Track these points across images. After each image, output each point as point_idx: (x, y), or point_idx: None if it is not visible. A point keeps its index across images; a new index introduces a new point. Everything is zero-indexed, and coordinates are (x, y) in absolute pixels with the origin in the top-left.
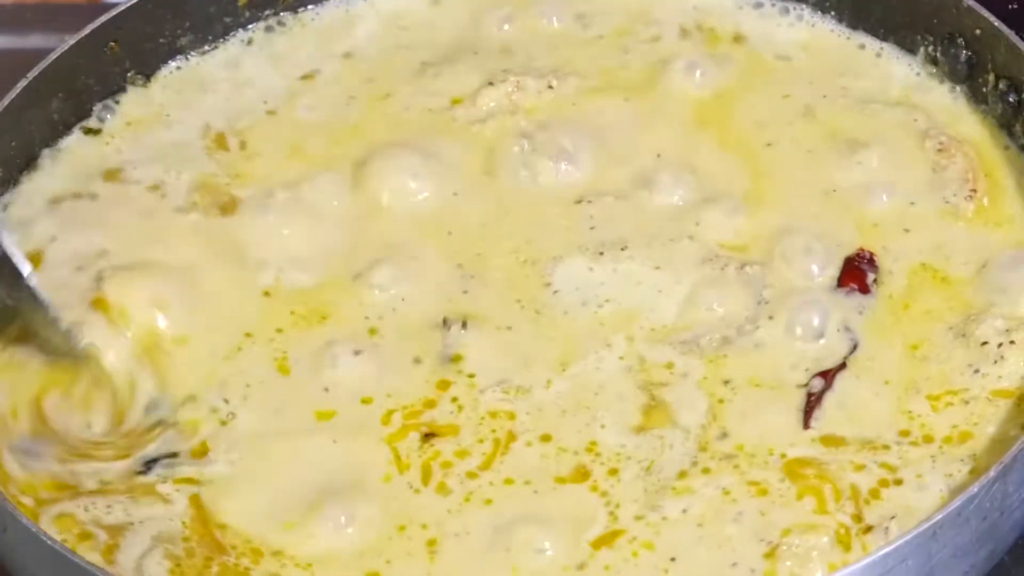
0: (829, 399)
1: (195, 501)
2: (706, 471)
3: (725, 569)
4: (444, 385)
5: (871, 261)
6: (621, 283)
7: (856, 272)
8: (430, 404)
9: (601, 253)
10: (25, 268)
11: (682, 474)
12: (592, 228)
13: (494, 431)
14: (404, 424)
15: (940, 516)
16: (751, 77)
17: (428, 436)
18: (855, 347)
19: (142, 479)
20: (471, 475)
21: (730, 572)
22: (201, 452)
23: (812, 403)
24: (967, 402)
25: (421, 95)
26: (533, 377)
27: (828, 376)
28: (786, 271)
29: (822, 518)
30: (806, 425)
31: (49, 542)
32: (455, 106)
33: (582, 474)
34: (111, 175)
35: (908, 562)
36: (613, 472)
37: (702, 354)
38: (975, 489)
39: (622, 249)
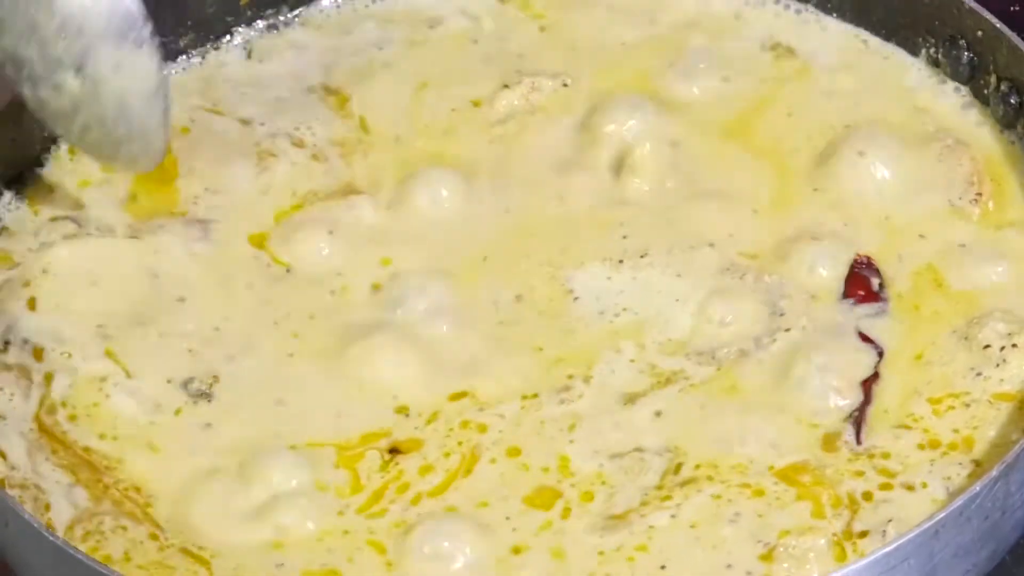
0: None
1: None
2: (710, 478)
3: (720, 570)
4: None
5: (870, 265)
6: (640, 291)
7: (859, 279)
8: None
9: (621, 261)
10: None
11: (689, 481)
12: (612, 235)
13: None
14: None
15: (942, 515)
16: (760, 80)
17: (393, 452)
18: (881, 354)
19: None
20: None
21: (725, 573)
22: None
23: (859, 418)
24: (968, 405)
25: (441, 98)
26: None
27: (865, 388)
28: (802, 280)
29: (819, 521)
30: (859, 441)
31: (51, 537)
32: (475, 108)
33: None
34: None
35: (910, 561)
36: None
37: (718, 365)
38: (977, 488)
39: (642, 256)
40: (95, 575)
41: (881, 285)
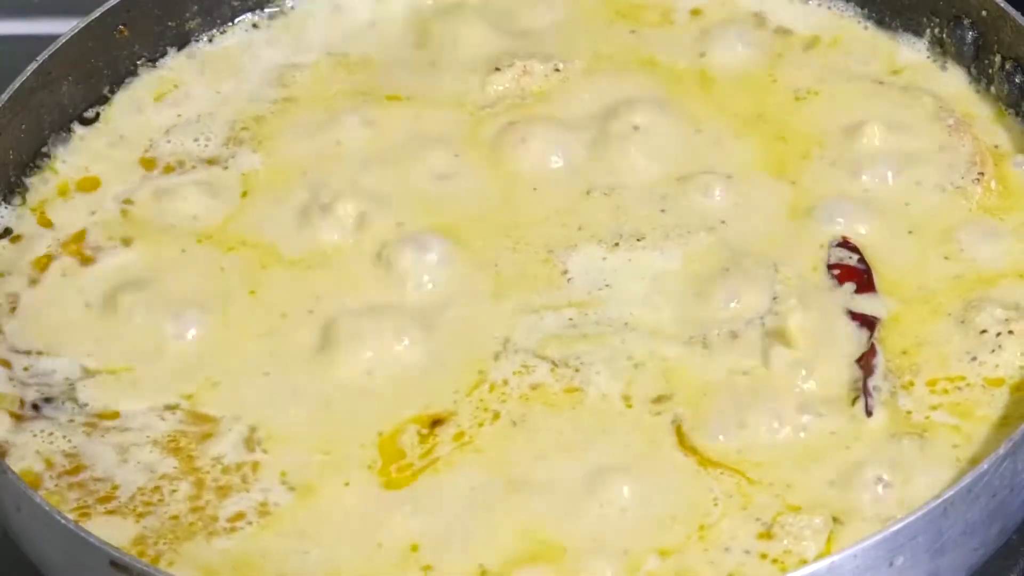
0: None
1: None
2: (707, 458)
3: (719, 553)
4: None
5: (845, 244)
6: (634, 274)
7: (840, 264)
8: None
9: (616, 244)
10: None
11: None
12: (608, 218)
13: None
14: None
15: (951, 493)
16: (758, 60)
17: (435, 424)
18: (873, 327)
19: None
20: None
21: (724, 555)
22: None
23: (864, 389)
24: (961, 388)
25: (428, 86)
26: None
27: (864, 362)
28: (797, 263)
29: (818, 500)
30: (868, 412)
31: (63, 521)
32: (463, 94)
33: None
34: None
35: (919, 539)
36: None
37: (710, 347)
38: (985, 466)
39: (638, 240)
40: (107, 558)
41: (861, 260)
